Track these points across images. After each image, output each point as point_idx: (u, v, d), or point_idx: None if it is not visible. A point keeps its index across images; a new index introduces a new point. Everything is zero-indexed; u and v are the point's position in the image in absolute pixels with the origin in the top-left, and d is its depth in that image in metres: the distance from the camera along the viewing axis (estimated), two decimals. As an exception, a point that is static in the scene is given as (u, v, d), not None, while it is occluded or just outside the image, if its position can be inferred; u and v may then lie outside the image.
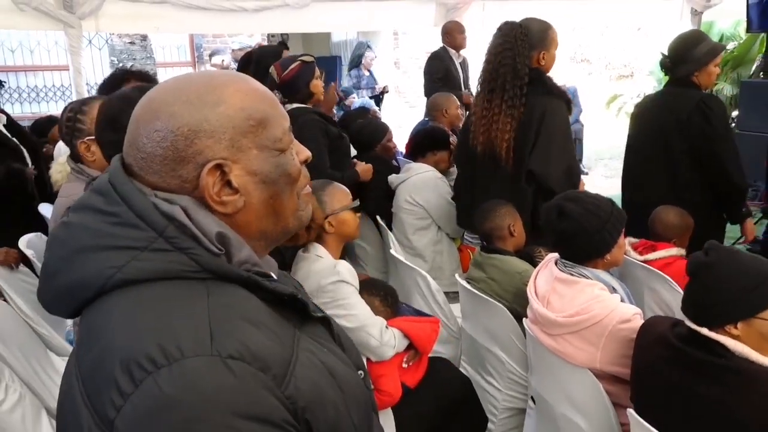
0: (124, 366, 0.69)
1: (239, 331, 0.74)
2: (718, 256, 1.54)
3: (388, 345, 1.97)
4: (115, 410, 0.68)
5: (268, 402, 0.71)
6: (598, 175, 7.97)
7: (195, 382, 0.68)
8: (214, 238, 0.79)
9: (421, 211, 3.25)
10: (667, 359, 1.61)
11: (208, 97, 0.80)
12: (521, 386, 2.35)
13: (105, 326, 0.75)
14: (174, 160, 0.79)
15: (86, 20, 4.29)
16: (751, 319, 1.49)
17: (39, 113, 8.13)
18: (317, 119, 2.83)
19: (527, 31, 2.72)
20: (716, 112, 2.87)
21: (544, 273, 2.09)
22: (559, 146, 2.73)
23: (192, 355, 0.69)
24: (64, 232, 0.81)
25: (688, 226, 2.71)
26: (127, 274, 0.75)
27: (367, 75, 7.53)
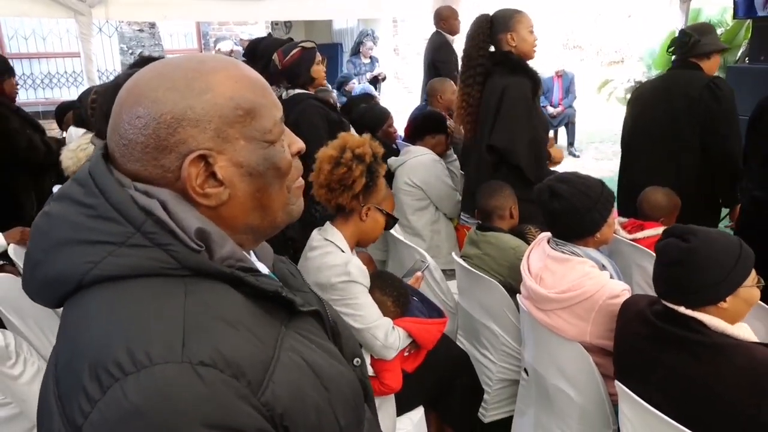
0: (92, 371, 0.65)
1: (214, 334, 0.70)
2: (698, 241, 1.55)
3: (392, 347, 1.96)
4: (83, 417, 0.64)
5: (241, 410, 0.67)
6: (589, 157, 8.05)
7: (163, 390, 0.64)
8: (193, 233, 0.75)
9: (420, 192, 3.30)
10: (645, 336, 1.64)
11: (195, 84, 0.75)
12: (515, 359, 2.42)
13: (79, 325, 0.71)
14: (156, 149, 0.74)
15: (96, 8, 4.31)
16: (737, 290, 1.54)
17: (52, 99, 8.20)
18: (317, 105, 2.86)
19: (493, 18, 2.90)
20: (726, 93, 2.89)
21: (537, 251, 2.14)
22: (518, 120, 2.80)
23: (161, 362, 0.65)
24: (45, 222, 0.76)
25: (676, 205, 2.77)
26: (104, 270, 0.71)
27: (366, 62, 7.57)
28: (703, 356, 1.51)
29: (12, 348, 2.03)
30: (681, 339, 1.56)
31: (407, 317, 2.09)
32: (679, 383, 1.56)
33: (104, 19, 4.90)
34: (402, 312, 2.09)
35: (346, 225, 2.03)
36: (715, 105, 2.88)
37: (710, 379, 1.50)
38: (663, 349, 1.60)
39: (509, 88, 2.80)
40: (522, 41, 2.85)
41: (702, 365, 1.51)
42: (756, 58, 5.56)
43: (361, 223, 2.03)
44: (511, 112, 2.80)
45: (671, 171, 2.99)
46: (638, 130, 3.24)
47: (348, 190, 1.93)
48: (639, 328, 1.67)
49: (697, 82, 2.93)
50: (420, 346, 2.09)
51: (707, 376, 1.50)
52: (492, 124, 2.85)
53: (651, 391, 1.59)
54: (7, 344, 2.01)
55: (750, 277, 1.56)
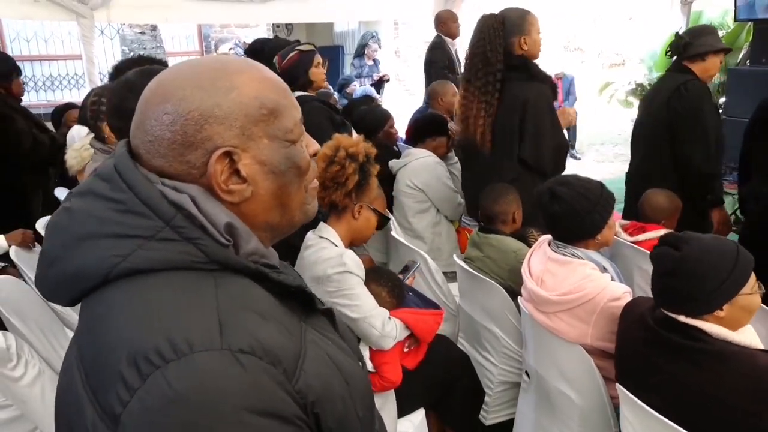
0: (131, 360, 0.66)
1: (249, 323, 0.71)
2: (690, 249, 1.53)
3: (389, 336, 1.98)
4: (121, 405, 0.65)
5: (280, 397, 0.69)
6: (590, 159, 8.06)
7: (205, 377, 0.65)
8: (222, 228, 0.76)
9: (421, 194, 3.31)
10: (646, 341, 1.63)
11: (221, 83, 0.77)
12: (516, 361, 2.42)
13: (109, 317, 0.71)
14: (182, 145, 0.75)
15: (98, 11, 4.34)
16: (735, 298, 1.51)
17: (54, 101, 8.15)
18: (321, 106, 2.87)
19: (504, 19, 2.77)
20: (691, 94, 2.88)
21: (537, 253, 2.14)
22: (547, 131, 2.77)
23: (202, 350, 0.66)
24: (65, 218, 0.76)
25: (677, 208, 2.77)
26: (133, 264, 0.71)
27: (370, 64, 7.59)
28: (704, 364, 1.50)
29: (13, 350, 2.03)
30: (681, 347, 1.54)
31: (403, 308, 2.11)
32: (680, 390, 1.55)
33: (106, 22, 4.93)
34: (398, 303, 2.12)
35: (339, 223, 2.08)
36: (679, 108, 2.89)
37: (711, 386, 1.48)
38: (663, 355, 1.59)
39: (533, 100, 2.74)
40: (532, 44, 2.79)
41: (703, 373, 1.50)
42: (757, 61, 5.57)
43: (354, 221, 2.08)
44: (538, 125, 2.74)
45: (657, 174, 3.01)
46: (635, 134, 3.29)
47: (341, 187, 1.99)
48: (640, 333, 1.67)
49: (672, 84, 2.95)
50: (419, 341, 2.11)
51: (708, 384, 1.49)
52: (519, 136, 2.77)
53: (651, 396, 1.59)
54: (8, 346, 2.02)
55: (749, 285, 1.53)
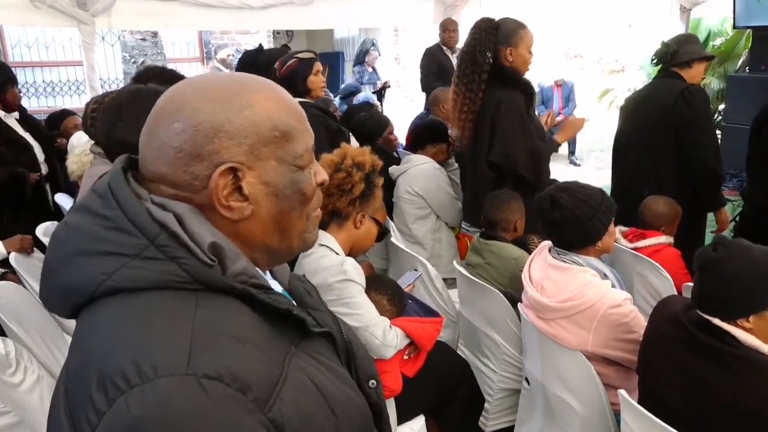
0: (100, 382, 0.66)
1: (221, 349, 0.70)
2: (726, 252, 1.52)
3: (390, 345, 1.97)
4: (90, 429, 0.65)
5: (246, 425, 0.67)
6: (590, 166, 8.07)
7: (165, 403, 0.64)
8: (207, 248, 0.75)
9: (421, 200, 3.31)
10: (678, 339, 1.62)
11: (237, 99, 0.77)
12: (516, 368, 2.42)
13: (89, 335, 0.71)
14: (189, 155, 0.75)
15: (99, 17, 4.36)
16: (763, 312, 1.49)
17: (54, 107, 8.17)
18: (317, 113, 2.88)
19: (499, 26, 2.85)
20: (698, 99, 2.93)
21: (538, 260, 2.14)
22: (515, 133, 2.83)
23: (165, 375, 0.65)
24: (64, 232, 0.77)
25: (677, 214, 2.78)
26: (117, 282, 0.71)
27: (370, 71, 7.62)
28: (733, 368, 1.50)
29: (12, 356, 2.03)
30: (713, 348, 1.53)
31: (403, 317, 2.10)
32: (705, 391, 1.54)
33: (107, 28, 4.95)
34: (398, 311, 2.12)
35: (340, 231, 2.07)
36: (688, 112, 2.92)
37: (737, 391, 1.48)
38: (694, 355, 1.58)
39: (503, 103, 2.83)
40: (519, 58, 2.86)
41: (731, 376, 1.49)
42: (756, 68, 5.59)
43: (355, 230, 2.07)
44: (507, 127, 2.83)
45: (651, 178, 3.03)
46: (623, 140, 3.30)
47: (346, 194, 1.99)
48: (673, 331, 1.65)
49: (673, 91, 2.98)
50: (419, 348, 2.10)
51: (735, 388, 1.48)
52: (489, 139, 2.87)
53: (674, 395, 1.59)
54: (7, 352, 2.01)
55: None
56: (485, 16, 2.93)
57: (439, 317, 2.20)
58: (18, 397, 2.02)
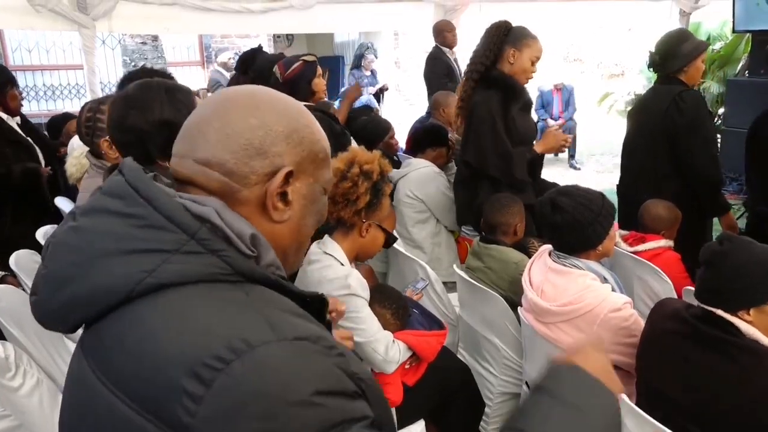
0: (189, 371, 0.66)
1: (290, 319, 0.73)
2: (731, 246, 1.58)
3: (392, 361, 1.95)
4: (189, 415, 0.65)
5: (340, 376, 0.71)
6: (590, 170, 8.06)
7: (270, 368, 0.66)
8: (248, 239, 0.78)
9: (421, 204, 3.32)
10: (681, 333, 1.65)
11: (303, 117, 0.86)
12: (516, 372, 2.41)
13: (144, 334, 0.71)
14: (256, 149, 0.80)
15: (99, 21, 4.36)
16: (763, 306, 1.54)
17: (54, 110, 8.21)
18: (322, 117, 2.88)
19: (511, 30, 2.89)
20: (689, 104, 2.92)
21: (538, 264, 2.14)
22: (484, 136, 2.87)
23: (260, 344, 0.67)
24: (74, 237, 0.76)
25: (677, 218, 2.78)
26: (159, 278, 0.71)
27: (368, 75, 7.64)
28: (736, 357, 1.53)
29: (12, 360, 2.02)
30: (716, 339, 1.57)
31: (407, 330, 2.09)
32: (709, 384, 1.57)
33: (107, 32, 4.96)
34: (402, 325, 2.09)
35: (345, 239, 2.03)
36: (679, 118, 2.91)
37: (741, 382, 1.51)
38: (697, 347, 1.61)
39: (477, 104, 2.89)
40: (520, 64, 2.87)
41: (734, 367, 1.53)
42: (756, 72, 5.60)
43: (360, 238, 2.02)
44: (477, 129, 2.89)
45: (652, 184, 3.03)
46: (627, 145, 3.31)
47: (351, 205, 1.93)
48: (675, 326, 1.68)
49: (667, 96, 2.98)
50: (421, 359, 2.09)
51: (738, 380, 1.52)
52: (465, 140, 2.98)
53: (678, 389, 1.61)
54: (6, 356, 2.01)
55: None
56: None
57: (442, 329, 2.17)
58: (17, 401, 2.02)
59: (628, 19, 7.11)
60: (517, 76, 2.89)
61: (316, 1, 4.86)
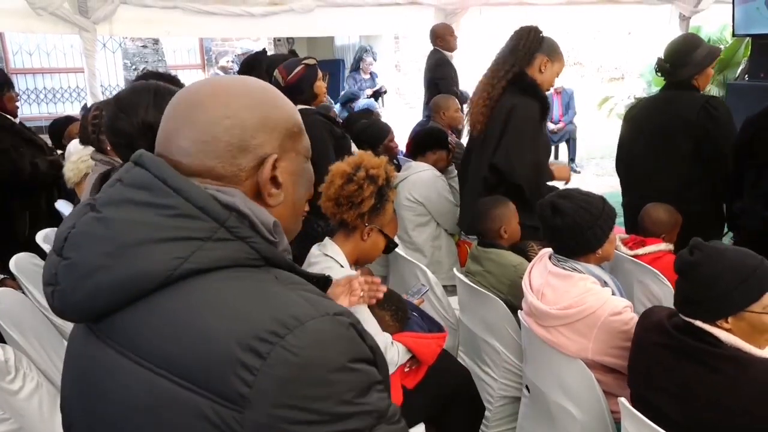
0: (244, 345, 0.70)
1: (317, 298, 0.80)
2: (702, 255, 1.57)
3: (391, 363, 1.96)
4: (246, 386, 0.69)
5: (363, 345, 0.79)
6: (590, 173, 8.07)
7: (320, 339, 0.73)
8: (271, 226, 0.83)
9: (421, 208, 3.32)
10: (664, 345, 1.64)
11: (270, 99, 0.87)
12: (516, 375, 2.41)
13: (189, 314, 0.75)
14: (238, 148, 0.82)
15: (100, 25, 4.38)
16: (741, 313, 1.53)
17: (55, 113, 8.22)
18: (322, 120, 2.87)
19: (542, 37, 2.87)
20: (722, 112, 2.89)
21: (538, 267, 2.13)
22: (523, 140, 2.80)
23: (309, 319, 0.74)
24: (100, 227, 0.78)
25: (677, 222, 2.77)
26: (195, 264, 0.75)
27: (367, 78, 7.64)
28: (719, 368, 1.52)
29: (11, 363, 2.02)
30: (698, 351, 1.56)
31: (406, 332, 2.09)
32: (695, 395, 1.56)
33: (108, 36, 4.97)
34: (401, 327, 2.10)
35: (346, 242, 2.05)
36: (712, 125, 2.87)
37: (727, 391, 1.50)
38: (681, 359, 1.60)
39: (517, 108, 2.79)
40: (549, 75, 2.88)
41: (718, 377, 1.52)
42: (755, 76, 5.59)
43: (362, 242, 2.04)
44: (517, 133, 2.79)
45: (671, 188, 2.97)
46: (636, 150, 3.22)
47: (355, 207, 1.95)
48: (658, 338, 1.67)
49: (692, 103, 2.92)
50: (420, 362, 2.09)
51: (722, 389, 1.51)
52: (497, 143, 2.83)
53: (666, 402, 1.60)
54: (6, 359, 2.01)
55: (762, 303, 1.53)
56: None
57: (442, 332, 2.18)
58: (17, 404, 2.02)
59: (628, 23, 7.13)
60: (545, 86, 2.88)
61: (317, 4, 4.88)
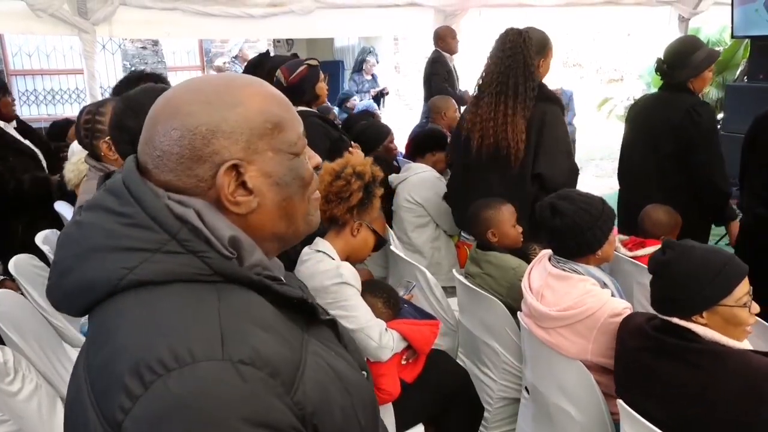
0: (133, 370, 0.67)
1: (250, 335, 0.73)
2: (674, 254, 1.62)
3: (387, 347, 1.99)
4: (123, 413, 0.66)
5: (277, 408, 0.70)
6: (589, 174, 8.07)
7: (206, 386, 0.67)
8: (226, 241, 0.78)
9: (420, 209, 3.32)
10: (645, 348, 1.67)
11: (227, 98, 0.80)
12: (515, 377, 2.40)
13: (114, 327, 0.73)
14: (191, 159, 0.77)
15: (100, 26, 4.38)
16: (714, 307, 1.57)
17: (54, 115, 8.22)
18: (319, 123, 2.87)
19: (529, 37, 2.79)
20: (705, 119, 2.90)
21: (537, 268, 2.14)
22: (563, 150, 2.81)
23: (203, 359, 0.68)
24: (76, 230, 0.79)
25: (677, 223, 2.78)
26: (139, 276, 0.73)
27: (368, 79, 7.64)
28: (698, 363, 1.56)
29: (10, 364, 2.02)
30: (676, 347, 1.60)
31: (399, 319, 2.12)
32: (677, 393, 1.58)
33: (108, 37, 4.96)
34: (393, 314, 2.14)
35: (337, 239, 2.11)
36: (694, 131, 2.89)
37: (707, 386, 1.53)
38: (660, 359, 1.63)
39: (553, 118, 2.75)
40: (546, 68, 2.87)
41: (698, 372, 1.55)
42: (755, 77, 5.60)
43: (352, 238, 2.11)
44: (553, 142, 2.75)
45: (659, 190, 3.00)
46: (629, 150, 3.27)
47: (344, 202, 2.02)
48: (637, 342, 1.70)
49: (679, 107, 2.94)
50: (417, 352, 2.11)
51: (704, 383, 1.54)
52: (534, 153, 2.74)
53: (651, 404, 1.61)
54: (5, 360, 2.01)
55: (733, 297, 1.57)
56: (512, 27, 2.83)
57: (435, 320, 2.21)
58: (16, 406, 2.01)
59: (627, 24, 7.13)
60: (543, 77, 2.88)
61: (316, 6, 4.88)
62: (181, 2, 4.50)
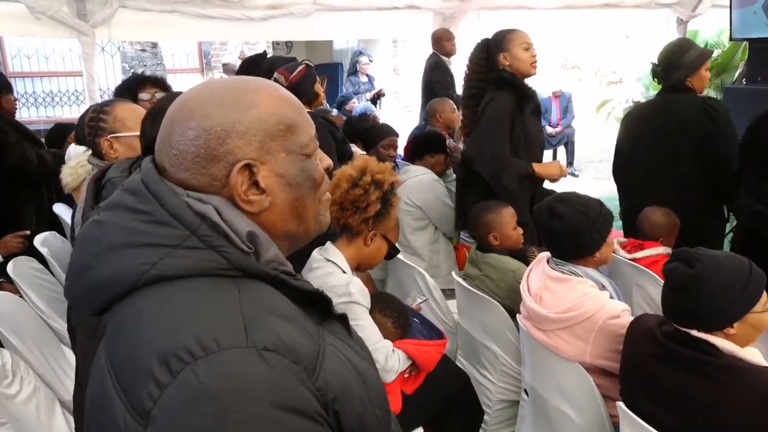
0: (161, 358, 0.69)
1: (271, 324, 0.74)
2: (704, 267, 1.55)
3: (392, 370, 1.96)
4: (152, 401, 0.68)
5: (301, 393, 0.72)
6: (588, 177, 8.09)
7: (233, 373, 0.68)
8: (245, 236, 0.80)
9: (419, 211, 3.31)
10: (654, 356, 1.64)
11: (242, 101, 0.82)
12: (515, 379, 2.40)
13: (138, 321, 0.75)
14: (205, 158, 0.80)
15: (99, 28, 4.38)
16: (744, 316, 1.54)
17: (54, 117, 8.30)
18: (325, 123, 2.88)
19: (490, 42, 2.94)
20: (721, 113, 2.89)
21: (536, 271, 2.13)
22: (489, 131, 2.85)
23: (229, 347, 0.70)
24: (96, 229, 0.81)
25: (675, 225, 2.77)
26: (160, 271, 0.75)
27: (365, 81, 7.63)
28: (714, 377, 1.52)
29: (9, 367, 2.03)
30: (691, 360, 1.55)
31: (407, 339, 2.09)
32: (689, 404, 1.55)
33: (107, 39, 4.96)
34: (402, 333, 2.09)
35: (349, 247, 2.04)
36: (713, 126, 2.87)
37: (722, 400, 1.50)
38: (672, 369, 1.59)
39: (488, 104, 2.87)
40: (515, 59, 2.87)
41: (713, 386, 1.51)
42: (753, 80, 5.60)
43: (365, 247, 2.03)
44: (483, 124, 2.87)
45: (672, 191, 2.97)
46: (635, 153, 3.21)
47: (360, 212, 1.95)
48: (648, 348, 1.67)
49: (690, 104, 2.93)
50: (420, 368, 2.09)
51: (718, 398, 1.50)
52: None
53: (660, 412, 1.59)
54: (3, 363, 2.01)
55: (760, 303, 1.55)
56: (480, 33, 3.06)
57: (442, 339, 2.17)
58: (14, 409, 2.02)
59: (626, 26, 7.14)
60: (523, 71, 2.89)
61: (315, 8, 4.88)
62: (180, 4, 4.50)
